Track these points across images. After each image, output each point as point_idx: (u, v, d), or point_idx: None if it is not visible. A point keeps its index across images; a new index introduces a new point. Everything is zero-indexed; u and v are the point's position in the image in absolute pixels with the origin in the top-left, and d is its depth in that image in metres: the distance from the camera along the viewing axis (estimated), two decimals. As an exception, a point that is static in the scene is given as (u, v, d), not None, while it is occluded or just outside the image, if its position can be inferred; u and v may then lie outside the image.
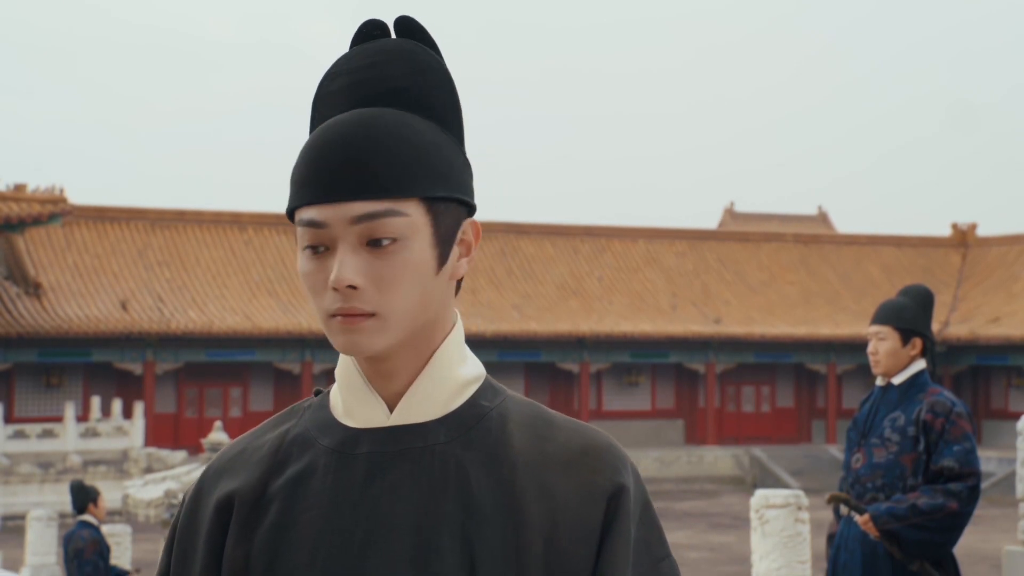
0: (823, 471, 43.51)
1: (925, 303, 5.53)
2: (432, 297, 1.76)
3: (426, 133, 1.72)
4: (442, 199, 1.73)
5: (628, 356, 47.03)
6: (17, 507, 27.63)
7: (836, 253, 53.71)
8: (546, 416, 1.77)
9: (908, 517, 5.09)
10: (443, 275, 1.77)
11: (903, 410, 5.29)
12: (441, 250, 1.75)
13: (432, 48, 1.78)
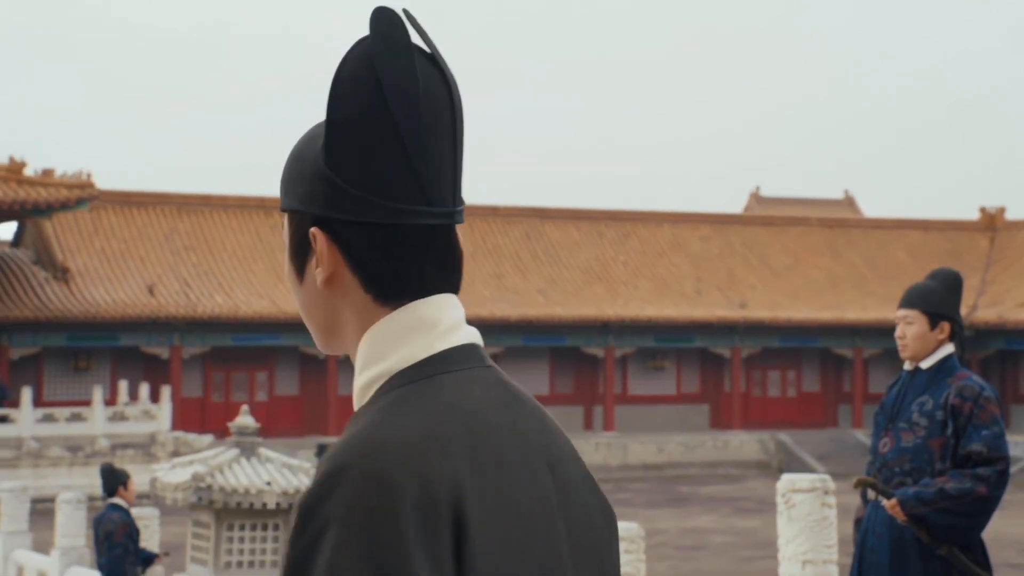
0: (849, 456, 43.42)
1: (954, 287, 5.50)
2: (309, 306, 1.69)
3: (307, 146, 1.67)
4: (291, 210, 1.68)
5: (653, 341, 46.99)
6: (47, 490, 27.84)
7: (862, 237, 53.52)
8: (346, 434, 1.58)
9: (936, 501, 5.07)
10: (307, 285, 1.67)
11: (931, 394, 5.26)
12: (296, 261, 1.69)
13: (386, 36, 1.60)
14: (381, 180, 1.60)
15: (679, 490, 37.77)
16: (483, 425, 1.57)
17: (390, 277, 1.63)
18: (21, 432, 33.97)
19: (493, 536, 1.51)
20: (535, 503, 1.58)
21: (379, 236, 1.61)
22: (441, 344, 1.63)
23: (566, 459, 1.67)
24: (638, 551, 7.37)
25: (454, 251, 1.67)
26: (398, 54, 1.59)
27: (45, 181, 37.36)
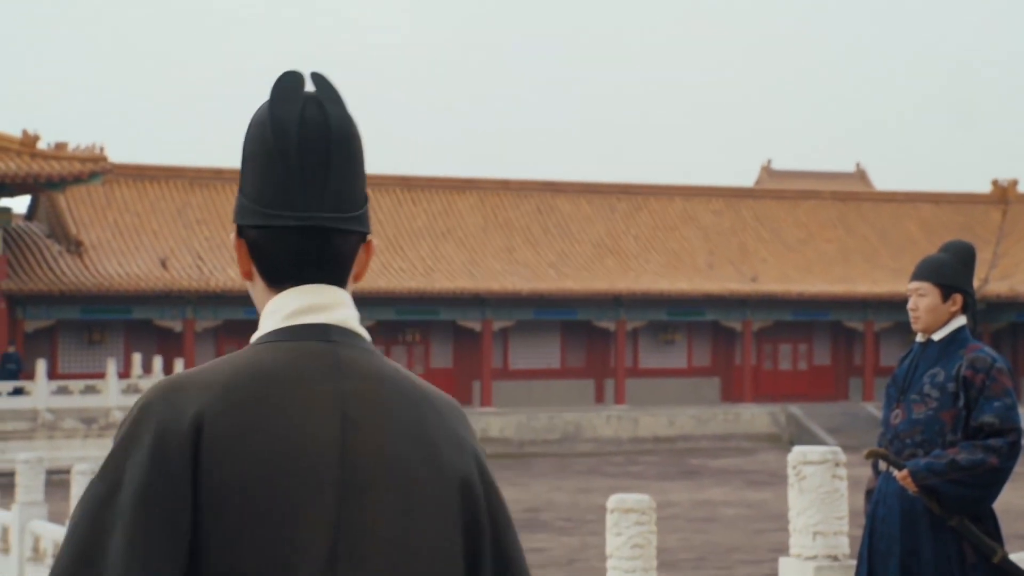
0: (860, 428, 43.49)
1: (966, 259, 5.49)
2: (253, 298, 2.15)
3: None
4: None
5: (664, 314, 47.03)
6: (62, 461, 27.99)
7: (874, 210, 53.44)
8: None
9: (947, 472, 5.07)
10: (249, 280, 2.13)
11: (943, 366, 5.26)
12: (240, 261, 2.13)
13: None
14: (262, 193, 2.04)
15: (690, 463, 37.88)
16: (265, 378, 1.96)
17: (272, 269, 2.07)
18: (36, 404, 34.18)
19: (230, 446, 1.89)
20: (299, 431, 1.93)
21: (264, 237, 2.05)
22: (285, 323, 2.04)
23: (371, 416, 1.97)
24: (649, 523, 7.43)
25: (329, 250, 2.06)
26: (286, 100, 2.04)
27: (58, 155, 37.45)
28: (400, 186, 47.93)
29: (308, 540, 1.89)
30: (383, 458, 1.96)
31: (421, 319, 44.79)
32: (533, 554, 19.97)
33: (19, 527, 14.81)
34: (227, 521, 1.88)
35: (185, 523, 1.88)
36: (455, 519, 2.00)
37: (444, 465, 2.01)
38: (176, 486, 1.88)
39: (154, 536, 1.86)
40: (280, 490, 1.89)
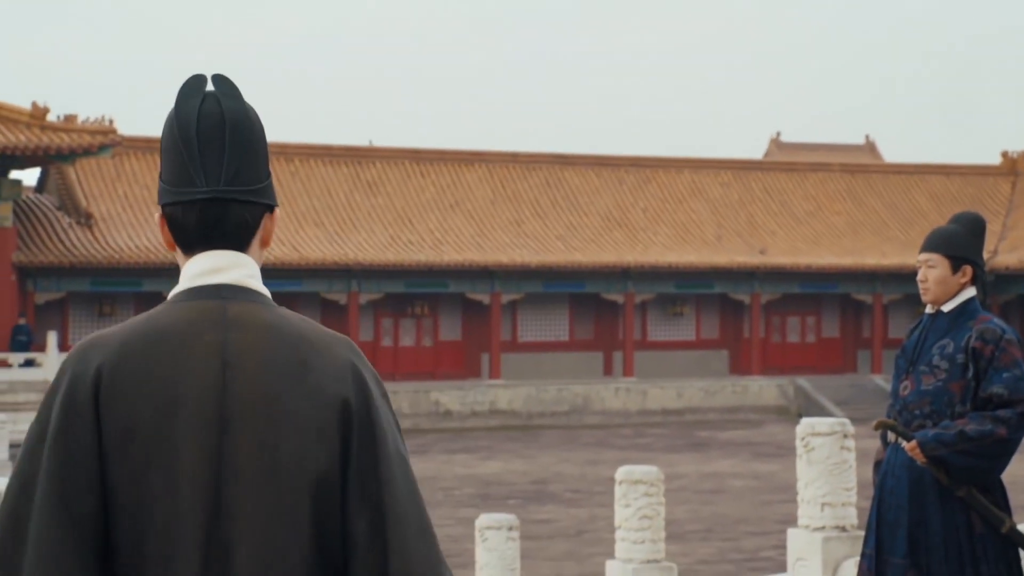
0: (868, 401, 43.55)
1: (976, 230, 5.47)
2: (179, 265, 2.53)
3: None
4: None
5: (673, 287, 47.05)
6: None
7: (883, 182, 53.36)
8: None
9: (956, 443, 5.08)
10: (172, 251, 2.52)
11: (952, 337, 5.26)
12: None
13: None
14: (172, 175, 2.42)
15: (698, 435, 37.97)
16: (158, 333, 2.33)
17: (183, 239, 2.43)
18: (47, 376, 34.32)
19: (124, 392, 2.26)
20: (183, 378, 2.28)
21: (176, 212, 2.42)
22: (187, 285, 2.41)
23: (249, 359, 2.31)
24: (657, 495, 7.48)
25: (229, 219, 2.40)
26: (189, 97, 2.42)
27: (68, 127, 37.48)
28: (409, 159, 47.93)
29: (193, 469, 2.25)
30: (257, 395, 2.29)
31: (430, 292, 44.86)
32: (541, 525, 20.07)
33: (31, 498, 14.91)
34: (126, 457, 2.26)
35: (92, 459, 2.26)
36: (331, 439, 2.29)
37: (320, 394, 2.30)
38: (83, 426, 2.27)
39: (68, 469, 2.25)
40: (167, 429, 2.26)
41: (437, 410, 41.77)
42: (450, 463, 30.26)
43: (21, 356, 35.31)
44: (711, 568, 16.13)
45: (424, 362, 45.32)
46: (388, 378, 43.64)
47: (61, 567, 2.22)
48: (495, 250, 44.83)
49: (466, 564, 14.92)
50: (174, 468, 2.24)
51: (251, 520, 2.25)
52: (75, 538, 2.23)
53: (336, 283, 43.15)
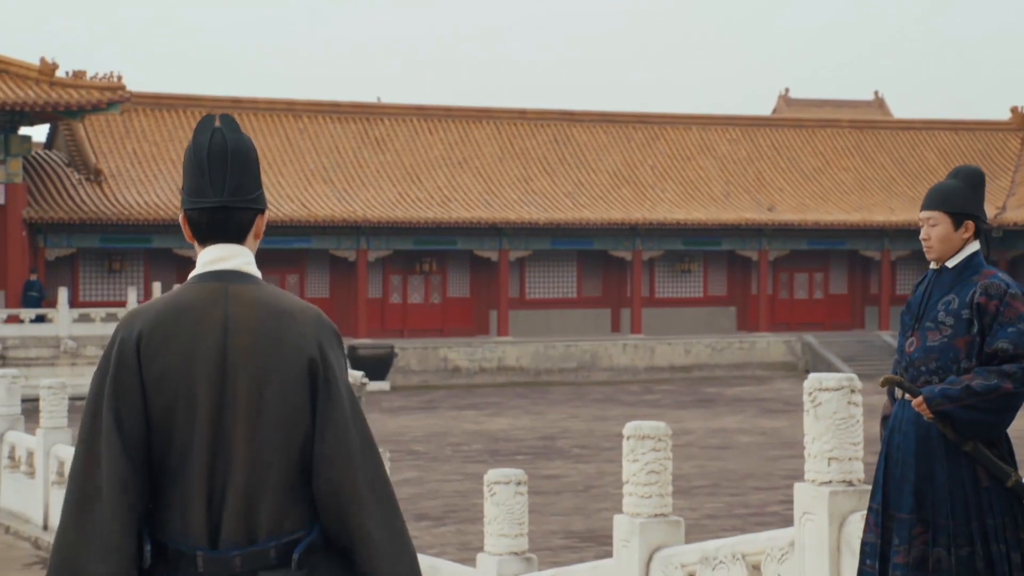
0: (876, 357, 43.64)
1: (976, 184, 5.44)
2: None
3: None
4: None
5: (681, 244, 47.07)
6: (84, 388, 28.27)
7: (892, 139, 53.24)
8: None
9: (962, 398, 5.08)
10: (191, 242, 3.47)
11: (957, 293, 5.27)
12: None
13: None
14: (189, 187, 3.35)
15: (706, 391, 38.10)
16: (178, 307, 3.27)
17: (199, 234, 3.37)
18: (59, 332, 34.48)
19: (158, 349, 3.22)
20: (198, 338, 3.23)
21: (193, 215, 3.36)
22: (200, 270, 3.34)
23: (248, 324, 3.25)
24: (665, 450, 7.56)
25: (232, 220, 3.34)
26: (202, 132, 3.35)
27: (77, 83, 37.47)
28: (417, 116, 47.88)
29: (204, 403, 3.21)
30: (249, 352, 3.24)
31: (438, 249, 44.91)
32: (549, 481, 20.21)
33: (44, 451, 15.04)
34: (159, 394, 3.22)
35: (137, 394, 3.22)
36: (303, 387, 3.25)
37: (293, 352, 3.25)
38: (130, 372, 3.23)
39: (121, 401, 3.22)
40: (187, 374, 3.22)
41: (445, 367, 41.91)
42: (459, 419, 30.42)
43: (32, 312, 35.45)
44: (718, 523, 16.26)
45: (432, 319, 45.44)
46: (397, 335, 43.80)
47: (118, 464, 3.20)
48: (503, 207, 44.85)
49: (474, 519, 15.06)
50: (192, 401, 3.22)
51: (242, 437, 3.23)
52: (127, 446, 3.21)
53: (345, 240, 43.22)
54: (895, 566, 5.22)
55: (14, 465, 16.05)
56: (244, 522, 3.20)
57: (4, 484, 16.20)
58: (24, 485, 15.64)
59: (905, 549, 5.20)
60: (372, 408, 30.87)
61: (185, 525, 3.20)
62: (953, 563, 5.14)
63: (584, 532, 16.05)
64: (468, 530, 15.24)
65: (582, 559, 12.13)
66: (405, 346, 41.59)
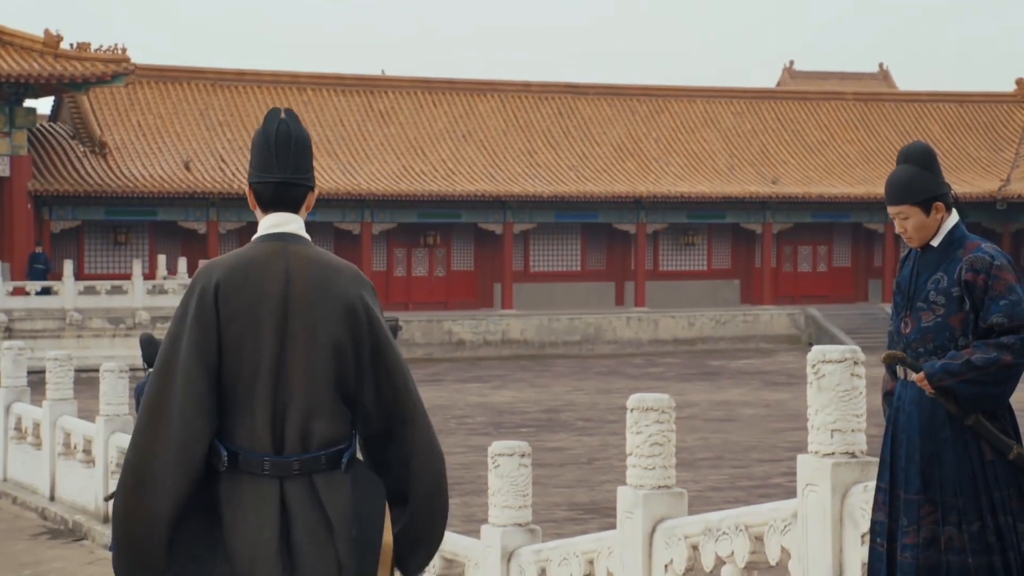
0: (879, 330, 43.67)
1: (930, 163, 5.35)
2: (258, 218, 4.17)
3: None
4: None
5: (685, 217, 47.06)
6: (90, 360, 28.39)
7: (896, 111, 53.15)
8: None
9: (963, 373, 5.09)
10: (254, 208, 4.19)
11: (944, 271, 5.25)
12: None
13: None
14: (258, 165, 4.03)
15: (710, 364, 38.16)
16: (248, 260, 3.97)
17: (262, 203, 4.06)
18: (64, 304, 34.54)
19: (231, 299, 3.91)
20: (264, 286, 3.94)
21: (260, 187, 4.04)
22: (264, 232, 4.03)
23: (303, 276, 3.96)
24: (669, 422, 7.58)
25: (290, 193, 4.04)
26: (271, 121, 4.03)
27: (81, 55, 37.43)
28: (421, 88, 47.82)
29: (269, 337, 3.94)
30: (304, 299, 3.96)
31: (442, 222, 44.93)
32: (553, 453, 20.28)
33: (50, 422, 15.09)
34: (232, 331, 3.93)
35: (214, 330, 3.92)
36: (347, 328, 3.97)
37: (339, 299, 3.98)
38: (208, 312, 3.93)
39: (202, 333, 3.92)
40: (254, 315, 3.94)
41: (450, 339, 41.99)
42: (463, 392, 30.50)
43: (38, 284, 35.51)
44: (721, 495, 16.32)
45: (437, 292, 45.49)
46: (401, 308, 43.86)
47: (197, 382, 3.90)
48: (507, 180, 44.84)
49: (478, 491, 15.14)
50: (260, 336, 3.93)
51: (300, 365, 3.95)
52: (205, 368, 3.91)
53: (349, 213, 43.24)
54: (904, 547, 5.22)
55: (21, 436, 16.12)
56: (301, 434, 3.93)
57: (11, 455, 16.29)
58: (31, 456, 15.71)
59: (914, 530, 5.21)
60: (376, 380, 30.92)
61: (254, 436, 3.92)
62: (966, 540, 5.15)
63: (588, 504, 16.12)
64: (472, 502, 15.32)
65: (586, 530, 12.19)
66: (409, 319, 41.65)
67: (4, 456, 16.40)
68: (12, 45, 37.04)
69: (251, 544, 3.86)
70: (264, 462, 3.90)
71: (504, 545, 7.91)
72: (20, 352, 16.78)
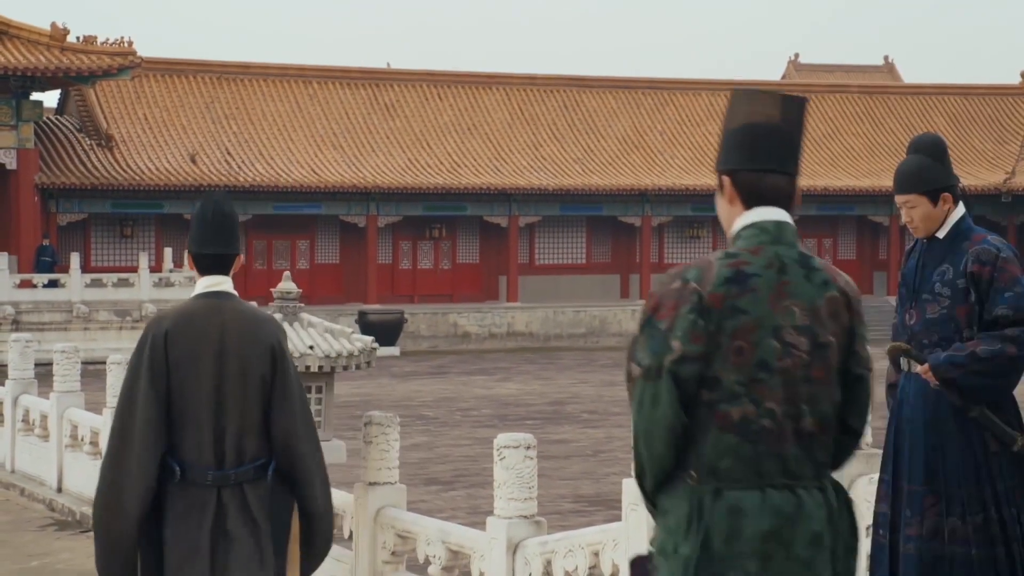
0: (885, 322, 43.44)
1: (940, 154, 5.41)
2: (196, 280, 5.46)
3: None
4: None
5: (690, 209, 47.08)
6: (96, 352, 28.40)
7: (902, 104, 53.12)
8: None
9: (967, 365, 5.10)
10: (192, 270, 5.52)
11: (950, 263, 5.26)
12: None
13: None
14: (195, 237, 5.34)
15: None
16: (190, 313, 5.11)
17: (201, 268, 5.23)
18: (71, 297, 34.62)
19: (178, 345, 5.04)
20: (205, 334, 5.05)
21: (198, 257, 5.22)
22: (200, 290, 5.18)
23: (235, 326, 5.07)
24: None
25: (221, 262, 5.19)
26: (206, 203, 5.32)
27: (88, 48, 37.47)
28: (426, 81, 47.83)
29: (210, 376, 5.00)
30: (236, 344, 5.04)
31: (448, 215, 44.96)
32: (558, 445, 20.32)
33: (57, 414, 15.12)
34: (180, 369, 4.98)
35: (163, 370, 4.98)
36: (268, 367, 5.07)
37: (263, 344, 5.09)
38: (159, 355, 4.99)
39: (154, 374, 4.98)
40: (196, 358, 5.00)
41: (455, 332, 42.03)
42: (468, 385, 30.55)
43: (45, 277, 35.58)
44: (726, 487, 16.34)
45: (442, 285, 45.53)
46: (407, 300, 43.91)
47: (151, 410, 4.95)
48: (513, 173, 44.86)
49: (484, 483, 15.18)
50: (202, 373, 4.99)
51: (234, 398, 5.01)
52: (157, 402, 4.96)
53: (355, 206, 43.28)
54: (907, 538, 5.24)
55: (28, 428, 16.16)
56: (236, 451, 5.01)
57: (18, 447, 16.33)
58: (38, 448, 15.76)
59: (918, 521, 5.22)
60: (382, 373, 31.01)
61: (199, 454, 4.99)
62: (970, 531, 5.16)
63: (593, 496, 16.16)
64: (478, 494, 15.36)
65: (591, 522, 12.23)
66: (415, 312, 41.70)
67: (11, 448, 16.46)
68: (19, 38, 37.08)
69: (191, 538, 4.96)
70: (208, 474, 4.97)
71: (509, 537, 7.94)
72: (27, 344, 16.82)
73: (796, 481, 3.33)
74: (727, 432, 3.29)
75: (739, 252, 3.44)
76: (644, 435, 3.36)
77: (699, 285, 3.40)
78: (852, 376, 3.50)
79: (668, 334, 3.33)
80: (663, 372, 3.31)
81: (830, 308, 3.48)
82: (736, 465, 3.30)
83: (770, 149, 3.51)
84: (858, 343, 3.57)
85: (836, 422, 3.42)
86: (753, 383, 3.31)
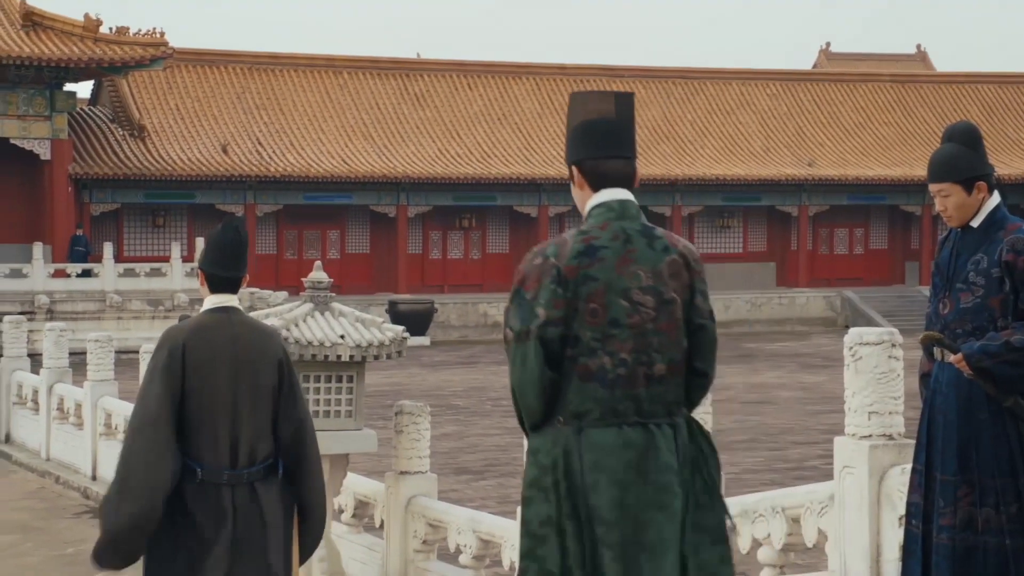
0: (916, 312, 43.47)
1: (974, 142, 5.35)
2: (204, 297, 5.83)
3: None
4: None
5: (720, 199, 46.96)
6: (130, 342, 28.53)
7: (934, 93, 52.82)
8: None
9: (1001, 354, 5.06)
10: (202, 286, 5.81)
11: (985, 252, 5.23)
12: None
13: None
14: (211, 258, 5.77)
15: (745, 347, 38.09)
16: (204, 326, 5.45)
17: (212, 286, 5.55)
18: (104, 286, 34.83)
19: (195, 355, 5.39)
20: (219, 345, 5.42)
21: (211, 278, 5.55)
22: (211, 307, 5.52)
23: (246, 339, 5.47)
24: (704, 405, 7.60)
25: (231, 282, 5.60)
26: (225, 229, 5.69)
27: (120, 39, 37.63)
28: (456, 71, 47.84)
29: (224, 388, 5.38)
30: (248, 354, 5.44)
31: (478, 204, 44.99)
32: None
33: (91, 403, 15.23)
34: (197, 378, 5.36)
35: (179, 377, 5.34)
36: (276, 375, 5.47)
37: (271, 356, 5.49)
38: (175, 365, 5.35)
39: (170, 380, 5.33)
40: (211, 369, 5.37)
41: (485, 322, 42.08)
42: (498, 374, 30.57)
43: (79, 266, 35.82)
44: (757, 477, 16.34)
45: (472, 274, 45.58)
46: (437, 290, 43.98)
47: (164, 410, 5.31)
48: (542, 163, 44.84)
49: (514, 472, 15.21)
50: (215, 384, 5.38)
51: (247, 406, 5.40)
52: (170, 407, 5.33)
53: (385, 196, 43.36)
54: (941, 528, 5.21)
55: (63, 417, 16.30)
56: (249, 453, 5.40)
57: (53, 435, 16.47)
58: (72, 436, 15.89)
59: (951, 511, 5.20)
60: (412, 363, 31.08)
61: (216, 456, 5.37)
62: (1004, 521, 5.14)
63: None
64: (508, 483, 15.38)
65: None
66: (445, 301, 41.76)
67: (47, 436, 16.60)
68: (52, 29, 37.28)
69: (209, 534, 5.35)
70: (224, 474, 5.36)
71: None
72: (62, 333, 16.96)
73: (648, 419, 3.87)
74: (587, 381, 3.85)
75: (589, 229, 4.08)
76: (518, 389, 3.94)
77: (557, 260, 3.98)
78: (695, 325, 4.01)
79: (533, 303, 3.92)
80: (531, 336, 3.90)
81: (671, 269, 4.07)
82: (596, 408, 3.85)
83: (608, 139, 4.04)
84: (698, 297, 4.07)
85: (685, 366, 3.95)
86: (607, 338, 3.87)
